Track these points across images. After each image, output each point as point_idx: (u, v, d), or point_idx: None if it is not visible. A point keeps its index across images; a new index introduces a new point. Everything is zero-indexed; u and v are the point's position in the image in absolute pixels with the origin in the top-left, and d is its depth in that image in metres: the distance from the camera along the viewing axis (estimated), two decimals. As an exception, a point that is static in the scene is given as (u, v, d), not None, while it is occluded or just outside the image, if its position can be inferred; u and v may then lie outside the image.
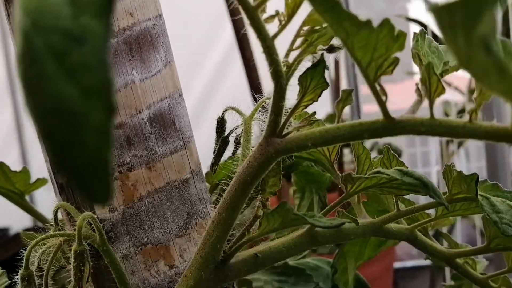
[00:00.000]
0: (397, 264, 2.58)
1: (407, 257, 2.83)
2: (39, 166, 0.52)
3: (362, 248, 0.64)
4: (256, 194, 0.40)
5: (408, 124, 0.31)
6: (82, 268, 0.35)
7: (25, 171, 0.50)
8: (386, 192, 0.40)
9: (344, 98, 0.35)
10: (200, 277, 0.38)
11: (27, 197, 0.54)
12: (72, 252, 0.35)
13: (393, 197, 0.47)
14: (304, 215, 0.34)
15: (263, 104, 0.40)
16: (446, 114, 2.15)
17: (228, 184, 0.38)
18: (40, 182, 0.52)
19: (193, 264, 0.38)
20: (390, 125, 0.31)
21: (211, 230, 0.38)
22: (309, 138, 0.34)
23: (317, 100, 0.35)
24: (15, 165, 0.52)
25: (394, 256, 2.31)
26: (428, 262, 2.42)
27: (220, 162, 0.42)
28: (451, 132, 0.30)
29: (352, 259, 0.64)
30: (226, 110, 0.41)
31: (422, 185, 0.34)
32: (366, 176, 0.37)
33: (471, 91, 1.92)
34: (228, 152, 0.45)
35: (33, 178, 0.51)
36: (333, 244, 0.64)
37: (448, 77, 0.44)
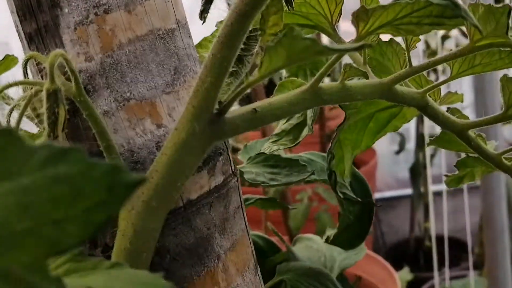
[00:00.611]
0: (376, 195, 2.58)
1: (387, 188, 2.84)
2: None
3: (359, 136, 0.59)
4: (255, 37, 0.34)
5: None
6: (56, 110, 0.29)
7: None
8: (403, 31, 0.35)
9: None
10: (193, 129, 0.33)
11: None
12: (44, 91, 0.29)
13: (405, 52, 0.42)
14: (315, 40, 0.29)
15: None
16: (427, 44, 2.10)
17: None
18: (10, 60, 0.46)
19: (184, 116, 0.33)
20: None
21: (203, 75, 0.32)
22: None
23: None
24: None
25: (374, 187, 2.31)
26: (408, 191, 2.42)
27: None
28: None
29: (348, 148, 0.59)
30: None
31: (452, 5, 0.29)
32: (384, 5, 0.32)
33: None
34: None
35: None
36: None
37: None
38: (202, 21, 0.37)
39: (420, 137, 2.19)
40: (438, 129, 0.49)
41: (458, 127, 0.44)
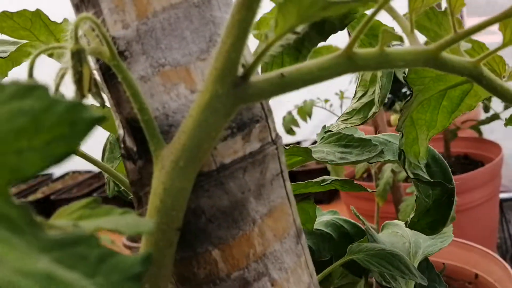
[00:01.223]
0: (503, 195, 2.39)
1: (516, 189, 2.61)
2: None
3: (433, 115, 0.55)
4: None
5: None
6: (79, 69, 0.31)
7: (66, 23, 0.46)
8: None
9: None
10: (216, 92, 0.33)
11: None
12: (69, 51, 0.31)
13: (450, 17, 0.38)
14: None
15: None
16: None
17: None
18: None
19: (208, 78, 0.33)
20: None
21: (224, 37, 0.32)
22: None
23: None
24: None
25: (499, 185, 2.13)
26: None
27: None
28: None
29: (423, 128, 0.55)
30: None
31: None
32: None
33: None
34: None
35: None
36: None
37: None
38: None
39: (551, 133, 1.99)
40: None
41: (521, 99, 0.39)
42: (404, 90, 2.05)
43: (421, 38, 0.46)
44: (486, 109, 2.03)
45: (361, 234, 0.74)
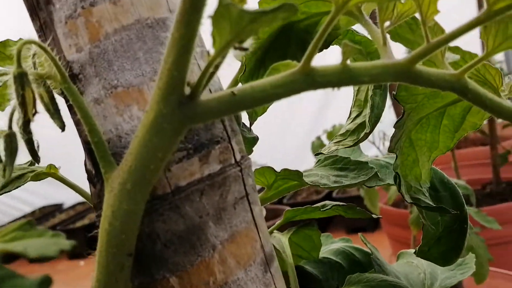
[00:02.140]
0: None
1: None
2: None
3: (434, 135, 0.53)
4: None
5: None
6: (22, 93, 0.31)
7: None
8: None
9: None
10: (160, 111, 0.33)
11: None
12: (12, 75, 0.32)
13: (422, 26, 0.37)
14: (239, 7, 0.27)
15: None
16: None
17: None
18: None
19: (153, 98, 0.33)
20: None
21: (165, 56, 0.32)
22: None
23: None
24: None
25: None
26: None
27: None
28: None
29: (424, 149, 0.53)
30: None
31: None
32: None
33: None
34: None
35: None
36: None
37: None
38: None
39: None
40: None
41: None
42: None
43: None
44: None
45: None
